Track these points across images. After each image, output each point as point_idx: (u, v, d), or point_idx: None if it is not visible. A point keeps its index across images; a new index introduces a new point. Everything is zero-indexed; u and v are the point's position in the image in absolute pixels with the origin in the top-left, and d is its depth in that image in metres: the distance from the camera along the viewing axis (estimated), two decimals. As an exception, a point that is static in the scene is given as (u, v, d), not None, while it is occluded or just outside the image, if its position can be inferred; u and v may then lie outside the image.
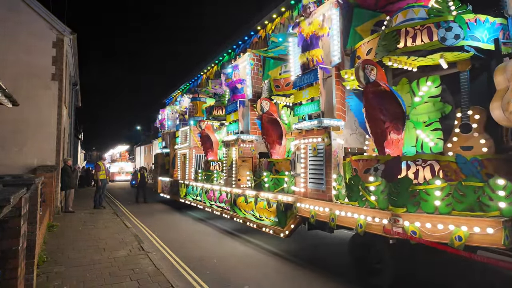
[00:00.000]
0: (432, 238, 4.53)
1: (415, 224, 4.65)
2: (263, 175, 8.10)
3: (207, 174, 11.57)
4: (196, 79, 13.54)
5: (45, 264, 6.25)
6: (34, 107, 11.16)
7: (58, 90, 11.76)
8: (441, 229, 4.47)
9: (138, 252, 7.21)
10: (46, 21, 11.66)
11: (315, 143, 6.44)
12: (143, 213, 13.64)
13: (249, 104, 9.61)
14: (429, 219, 4.56)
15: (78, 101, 23.11)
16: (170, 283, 5.36)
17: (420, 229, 4.61)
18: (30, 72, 11.27)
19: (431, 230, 4.56)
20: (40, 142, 11.30)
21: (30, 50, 11.35)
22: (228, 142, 9.83)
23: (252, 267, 6.59)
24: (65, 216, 11.76)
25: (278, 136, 8.20)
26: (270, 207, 7.76)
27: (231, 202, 9.58)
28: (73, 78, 17.61)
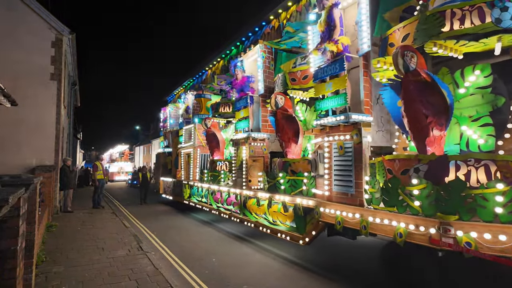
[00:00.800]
0: (492, 251, 3.83)
1: (471, 234, 3.94)
2: (278, 176, 7.37)
3: (214, 175, 10.83)
4: (201, 74, 12.80)
5: (44, 264, 6.16)
6: (33, 107, 11.00)
7: (57, 90, 11.59)
8: (504, 241, 3.76)
9: (137, 251, 7.14)
10: (45, 21, 11.51)
11: (341, 141, 5.72)
12: (144, 215, 12.92)
13: (260, 100, 8.88)
14: (488, 228, 3.85)
15: (77, 100, 22.99)
16: (169, 283, 5.31)
17: (477, 240, 3.91)
18: (29, 71, 11.14)
19: (490, 241, 3.85)
20: (38, 142, 11.14)
21: (29, 49, 11.22)
22: (237, 140, 9.09)
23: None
24: (64, 216, 11.58)
25: (294, 133, 7.47)
26: (286, 211, 7.03)
27: (241, 204, 8.85)
28: (72, 78, 17.36)
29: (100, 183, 13.96)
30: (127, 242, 7.96)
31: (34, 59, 11.30)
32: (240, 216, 8.88)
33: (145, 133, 63.29)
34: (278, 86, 8.05)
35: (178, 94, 15.65)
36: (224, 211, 9.87)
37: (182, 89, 15.10)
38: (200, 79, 12.85)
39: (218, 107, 11.16)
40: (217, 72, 11.28)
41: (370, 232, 5.09)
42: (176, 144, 14.68)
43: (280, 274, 6.12)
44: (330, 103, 5.99)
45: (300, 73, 7.44)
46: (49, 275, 5.65)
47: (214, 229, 10.17)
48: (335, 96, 5.90)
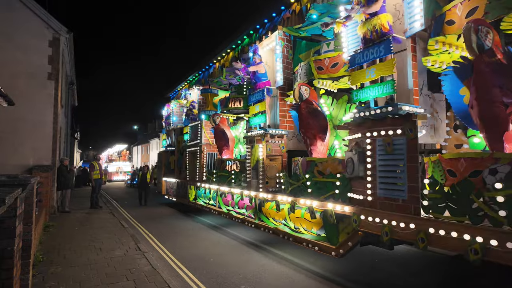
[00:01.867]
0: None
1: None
2: (303, 177, 6.42)
3: (223, 175, 9.86)
4: (208, 68, 11.79)
5: (41, 264, 6.08)
6: (30, 107, 10.80)
7: (54, 90, 11.40)
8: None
9: (135, 252, 7.05)
10: (42, 20, 11.31)
11: (389, 137, 4.77)
12: (145, 217, 11.94)
13: (278, 93, 7.92)
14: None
15: (75, 100, 22.64)
16: (167, 283, 5.22)
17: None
18: (26, 71, 10.97)
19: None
20: (36, 142, 10.98)
21: (26, 49, 11.04)
22: (252, 138, 8.13)
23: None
24: (61, 216, 11.40)
25: (321, 129, 6.52)
26: (313, 217, 6.07)
27: (256, 208, 7.89)
28: (69, 77, 17.03)
29: (97, 183, 13.65)
30: (125, 242, 7.82)
31: (31, 59, 11.08)
32: (255, 222, 7.92)
33: (143, 133, 62.34)
34: (300, 77, 7.10)
35: (182, 90, 14.64)
36: (236, 215, 8.90)
37: (186, 84, 14.09)
38: (206, 73, 11.86)
39: (227, 102, 10.18)
40: (227, 65, 10.30)
41: (430, 246, 4.16)
42: (180, 143, 13.67)
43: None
44: (371, 93, 5.05)
45: (329, 61, 6.49)
46: (46, 275, 5.55)
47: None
48: (378, 85, 4.96)
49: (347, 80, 6.15)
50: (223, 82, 11.97)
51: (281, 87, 7.85)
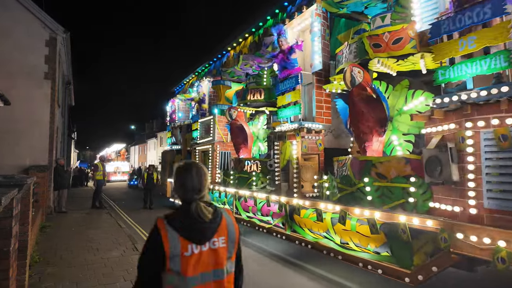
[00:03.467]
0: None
1: None
2: (358, 181, 5.06)
3: (242, 177, 8.48)
4: (220, 57, 10.38)
5: (38, 265, 5.95)
6: (26, 106, 10.55)
7: (51, 89, 11.16)
8: None
9: (132, 252, 6.87)
10: (39, 20, 11.03)
11: (505, 127, 3.43)
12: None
13: (314, 79, 6.56)
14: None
15: (72, 100, 22.27)
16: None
17: None
18: (22, 70, 10.71)
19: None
20: (32, 142, 10.71)
21: (22, 48, 10.78)
22: (282, 133, 6.76)
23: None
24: (58, 217, 11.10)
25: (378, 122, 5.17)
26: (375, 232, 4.71)
27: (287, 216, 6.53)
28: (66, 77, 16.80)
29: (99, 184, 13.30)
30: (122, 242, 7.62)
31: (28, 58, 10.84)
32: (287, 233, 6.55)
33: (140, 133, 60.95)
34: (346, 59, 5.72)
35: (189, 83, 13.21)
36: (260, 224, 7.52)
37: (194, 76, 12.65)
38: (219, 62, 10.45)
39: (245, 94, 8.80)
40: (245, 52, 8.91)
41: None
42: (188, 140, 12.29)
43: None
44: (469, 69, 3.71)
45: (389, 36, 5.11)
46: (42, 276, 5.43)
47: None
48: (481, 58, 3.61)
49: (419, 58, 4.80)
50: (237, 73, 10.58)
51: (318, 72, 6.49)
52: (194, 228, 1.71)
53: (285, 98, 6.68)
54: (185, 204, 1.79)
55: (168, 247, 1.61)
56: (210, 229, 1.75)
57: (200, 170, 1.86)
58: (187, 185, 1.81)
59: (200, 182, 1.82)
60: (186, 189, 1.81)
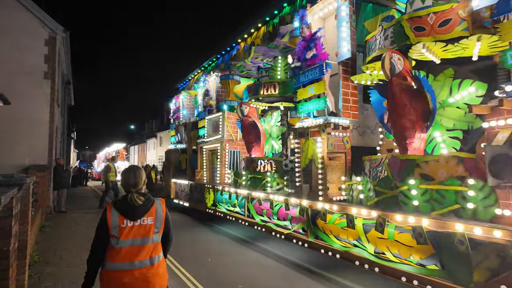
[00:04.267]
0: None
1: None
2: (399, 183, 4.37)
3: (255, 178, 7.79)
4: (229, 50, 9.69)
5: (37, 265, 5.90)
6: (26, 106, 10.41)
7: (50, 89, 11.06)
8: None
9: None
10: (38, 19, 10.91)
11: None
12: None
13: (341, 70, 5.87)
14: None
15: (71, 99, 22.03)
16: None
17: None
18: (22, 70, 10.59)
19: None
20: (32, 141, 10.62)
21: (21, 48, 10.67)
22: (304, 130, 6.07)
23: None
24: (58, 216, 11.04)
25: (421, 116, 4.49)
26: (422, 242, 4.03)
27: (309, 222, 5.84)
28: (66, 77, 16.71)
29: (112, 184, 13.21)
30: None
31: (28, 58, 10.73)
32: (309, 240, 5.86)
33: (140, 133, 60.33)
34: (381, 45, 5.03)
35: (194, 79, 12.50)
36: (276, 229, 6.83)
37: (200, 71, 11.94)
38: (228, 56, 9.76)
39: (258, 89, 8.09)
40: (257, 43, 8.22)
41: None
42: (193, 139, 11.59)
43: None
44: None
45: (434, 17, 4.42)
46: (42, 275, 5.39)
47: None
48: None
49: (473, 41, 4.12)
50: (247, 67, 9.90)
51: (345, 62, 5.81)
52: (128, 209, 2.48)
53: (307, 90, 5.99)
54: (126, 194, 2.56)
55: (110, 222, 2.41)
56: (141, 210, 2.50)
57: (136, 172, 2.64)
58: (127, 182, 2.59)
59: (136, 180, 2.59)
60: (127, 184, 2.59)
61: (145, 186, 2.78)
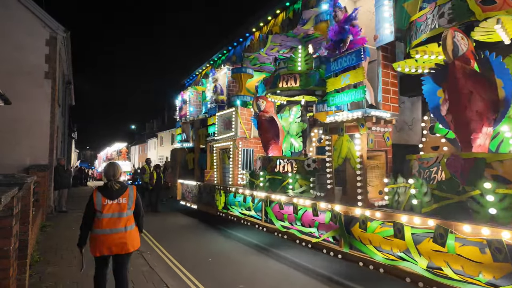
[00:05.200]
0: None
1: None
2: (477, 187, 3.58)
3: (274, 179, 7.00)
4: (242, 41, 8.89)
5: (38, 264, 5.80)
6: (26, 106, 10.40)
7: (51, 89, 11.03)
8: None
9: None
10: (39, 19, 10.87)
11: None
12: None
13: (381, 56, 5.09)
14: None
15: (72, 99, 22.00)
16: (164, 283, 4.91)
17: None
18: (22, 70, 10.57)
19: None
20: (32, 141, 10.60)
21: (22, 47, 10.64)
22: (336, 125, 5.28)
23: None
24: (58, 216, 10.91)
25: (490, 107, 3.71)
26: (501, 259, 3.24)
27: (342, 229, 5.06)
28: (66, 77, 16.64)
29: (145, 185, 13.09)
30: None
31: (28, 58, 10.70)
32: (343, 250, 5.07)
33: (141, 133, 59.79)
34: (434, 23, 4.24)
35: (202, 73, 11.70)
36: (301, 236, 6.04)
37: (209, 65, 11.14)
38: (240, 47, 8.96)
39: (276, 81, 7.29)
40: (276, 31, 7.42)
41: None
42: (202, 137, 10.82)
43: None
44: None
45: (508, -13, 3.64)
46: (43, 275, 5.30)
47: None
48: None
49: None
50: (260, 59, 9.11)
51: (385, 47, 5.03)
52: (108, 192, 3.58)
53: (340, 80, 5.20)
54: (107, 182, 3.67)
55: (95, 201, 3.52)
56: (117, 193, 3.61)
57: (115, 167, 3.80)
58: (109, 173, 3.72)
59: (114, 172, 3.72)
60: (107, 176, 3.71)
61: (121, 177, 3.87)
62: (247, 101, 9.10)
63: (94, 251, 3.55)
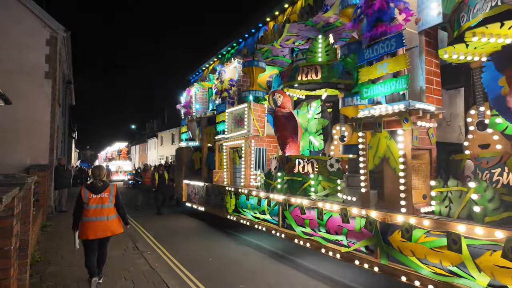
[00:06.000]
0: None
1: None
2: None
3: (293, 181, 6.34)
4: (254, 32, 8.23)
5: (39, 264, 5.79)
6: (27, 106, 10.37)
7: (51, 88, 10.96)
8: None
9: (133, 251, 6.64)
10: (39, 19, 10.79)
11: None
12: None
13: (424, 41, 4.44)
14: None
15: (72, 99, 21.79)
16: (165, 283, 4.88)
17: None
18: (23, 70, 10.51)
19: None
20: (33, 141, 10.55)
21: (23, 47, 10.58)
22: (372, 120, 4.62)
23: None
24: (59, 216, 10.80)
25: None
26: None
27: (378, 238, 4.42)
28: (67, 76, 16.51)
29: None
30: (122, 242, 7.32)
31: (29, 58, 10.64)
32: (381, 262, 4.42)
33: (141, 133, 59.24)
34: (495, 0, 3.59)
35: (209, 69, 11.03)
36: (327, 245, 5.39)
37: (216, 60, 10.48)
38: (252, 39, 8.30)
39: (295, 74, 6.63)
40: (294, 19, 6.77)
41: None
42: (210, 135, 10.15)
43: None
44: None
45: None
46: (44, 275, 5.29)
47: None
48: None
49: None
50: (274, 51, 8.44)
51: (428, 31, 4.38)
52: (94, 188, 4.56)
53: (377, 69, 4.54)
54: (92, 180, 4.64)
55: (83, 195, 4.49)
56: (101, 189, 4.59)
57: (100, 168, 4.82)
58: (94, 174, 4.71)
59: (99, 173, 4.70)
60: (94, 175, 4.69)
61: (105, 177, 4.83)
62: (260, 97, 8.44)
63: (82, 235, 4.53)
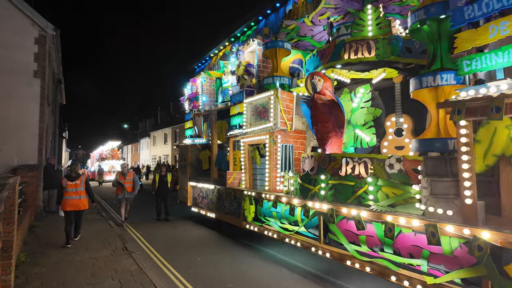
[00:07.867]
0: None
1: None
2: None
3: (343, 185, 4.91)
4: (279, 6, 6.75)
5: (25, 265, 5.66)
6: (15, 105, 10.20)
7: (40, 87, 10.70)
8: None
9: (121, 252, 6.45)
10: (28, 17, 10.51)
11: None
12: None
13: None
14: None
15: (63, 99, 21.04)
16: (153, 283, 4.72)
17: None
18: (11, 68, 10.24)
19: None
20: (21, 141, 10.28)
21: (10, 46, 10.30)
22: (484, 104, 3.21)
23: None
24: (48, 216, 10.62)
25: None
26: None
27: (491, 268, 3.03)
28: (56, 75, 16.00)
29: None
30: (111, 242, 7.15)
31: (17, 56, 10.39)
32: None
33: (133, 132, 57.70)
34: None
35: (219, 55, 9.49)
36: (400, 272, 3.99)
37: (228, 45, 8.94)
38: (275, 16, 6.82)
39: (338, 51, 5.20)
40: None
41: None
42: (221, 131, 8.66)
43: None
44: None
45: None
46: (29, 276, 5.16)
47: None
48: None
49: None
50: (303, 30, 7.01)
51: None
52: (70, 177, 7.13)
53: (488, 31, 3.13)
54: (70, 172, 7.30)
55: (63, 182, 7.06)
56: (75, 178, 7.14)
57: (76, 164, 7.52)
58: (71, 168, 7.41)
59: (74, 168, 7.35)
60: (71, 169, 7.37)
61: (81, 171, 8.49)
62: (284, 84, 6.99)
63: (64, 207, 6.92)
